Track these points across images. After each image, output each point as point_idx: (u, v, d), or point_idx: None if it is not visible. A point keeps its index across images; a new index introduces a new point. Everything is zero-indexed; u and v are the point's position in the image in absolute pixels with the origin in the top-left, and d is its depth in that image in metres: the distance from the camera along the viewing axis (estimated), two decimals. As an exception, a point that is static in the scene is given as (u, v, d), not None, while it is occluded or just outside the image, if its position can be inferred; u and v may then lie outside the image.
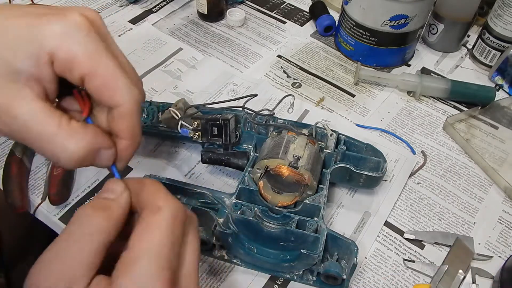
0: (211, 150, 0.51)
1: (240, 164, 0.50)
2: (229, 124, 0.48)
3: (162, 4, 0.77)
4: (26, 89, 0.28)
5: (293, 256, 0.44)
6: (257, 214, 0.44)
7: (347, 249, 0.43)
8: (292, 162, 0.44)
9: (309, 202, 0.44)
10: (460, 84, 0.65)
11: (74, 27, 0.28)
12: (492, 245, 0.50)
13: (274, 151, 0.46)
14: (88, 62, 0.28)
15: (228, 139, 0.49)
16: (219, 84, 0.64)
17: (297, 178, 0.44)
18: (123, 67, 0.30)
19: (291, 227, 0.43)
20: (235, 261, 0.46)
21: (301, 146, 0.46)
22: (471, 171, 0.57)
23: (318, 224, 0.43)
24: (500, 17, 0.65)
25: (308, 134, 0.49)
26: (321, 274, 0.43)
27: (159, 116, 0.52)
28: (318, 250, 0.41)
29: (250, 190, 0.45)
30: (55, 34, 0.28)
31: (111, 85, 0.29)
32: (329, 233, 0.43)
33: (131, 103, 0.30)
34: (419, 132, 0.61)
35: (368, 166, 0.49)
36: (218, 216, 0.43)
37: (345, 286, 0.43)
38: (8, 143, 0.54)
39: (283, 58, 0.70)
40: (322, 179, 0.47)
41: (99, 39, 0.29)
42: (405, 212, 0.52)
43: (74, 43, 0.28)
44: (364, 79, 0.67)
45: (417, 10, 0.62)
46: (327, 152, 0.50)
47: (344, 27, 0.69)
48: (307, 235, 0.42)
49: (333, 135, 0.49)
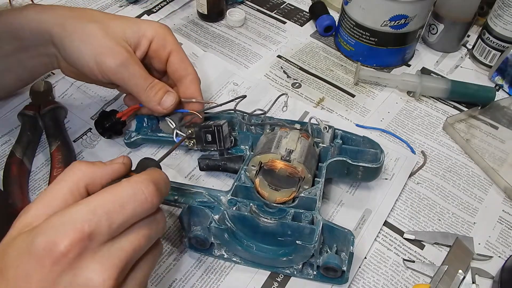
0: (207, 157, 0.52)
1: (237, 168, 0.51)
2: (221, 130, 0.49)
3: (162, 4, 0.77)
4: (132, 56, 0.46)
5: (291, 250, 0.44)
6: (252, 210, 0.44)
7: (344, 240, 0.43)
8: (284, 156, 0.45)
9: (305, 195, 0.45)
10: (460, 84, 0.65)
11: (159, 25, 0.49)
12: (492, 245, 0.50)
13: (266, 147, 0.46)
14: (173, 43, 0.49)
15: (223, 144, 0.50)
16: (219, 84, 0.64)
17: (290, 171, 0.44)
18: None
19: (287, 220, 0.43)
20: (234, 259, 0.46)
21: (294, 140, 0.46)
22: (471, 171, 0.57)
23: (313, 216, 0.43)
24: (500, 17, 0.65)
25: (301, 129, 0.49)
26: (320, 267, 0.43)
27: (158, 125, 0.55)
28: (314, 240, 0.41)
29: (246, 187, 0.45)
30: (152, 28, 0.48)
31: (185, 60, 0.50)
32: (325, 224, 0.43)
33: (195, 73, 0.51)
34: (419, 132, 0.61)
35: (366, 158, 0.50)
36: (214, 213, 0.43)
37: (345, 277, 0.44)
38: (8, 144, 0.54)
39: (283, 58, 0.70)
40: (318, 173, 0.47)
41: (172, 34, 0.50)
42: (405, 212, 0.52)
43: (163, 33, 0.49)
44: (364, 79, 0.67)
45: (417, 10, 0.62)
46: (323, 147, 0.50)
47: (344, 27, 0.69)
48: (303, 227, 0.42)
49: (328, 130, 0.49)
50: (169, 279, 0.45)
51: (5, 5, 0.73)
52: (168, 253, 0.47)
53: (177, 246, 0.48)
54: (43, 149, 0.55)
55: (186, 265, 0.47)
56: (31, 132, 0.54)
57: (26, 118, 0.55)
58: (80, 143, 0.56)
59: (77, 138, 0.56)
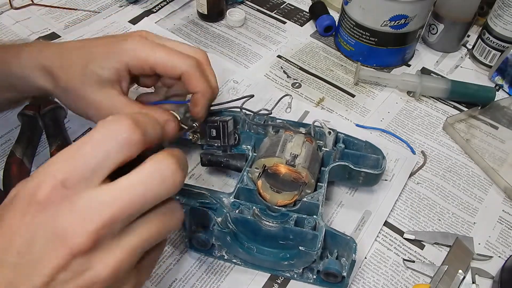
0: (210, 152, 0.51)
1: (239, 166, 0.50)
2: (227, 126, 0.49)
3: (162, 4, 0.77)
4: (112, 90, 0.43)
5: (293, 255, 0.44)
6: (255, 213, 0.44)
7: (346, 246, 0.43)
8: (289, 160, 0.44)
9: (307, 200, 0.44)
10: (460, 84, 0.65)
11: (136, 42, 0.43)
12: (492, 245, 0.50)
13: (271, 150, 0.46)
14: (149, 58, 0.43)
15: (227, 140, 0.50)
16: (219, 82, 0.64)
17: (294, 176, 0.44)
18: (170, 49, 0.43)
19: (289, 225, 0.43)
20: (234, 260, 0.46)
21: (298, 145, 0.46)
22: (471, 171, 0.57)
23: (316, 222, 0.43)
24: (500, 17, 0.65)
25: (305, 132, 0.49)
26: (321, 272, 0.43)
27: None
28: (316, 247, 0.41)
29: (248, 189, 0.45)
30: (127, 50, 0.43)
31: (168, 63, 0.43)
32: (327, 230, 0.43)
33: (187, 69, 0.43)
34: (419, 132, 0.61)
35: (368, 163, 0.50)
36: (217, 216, 0.43)
37: (345, 283, 0.43)
38: (8, 144, 0.54)
39: (283, 58, 0.70)
40: (320, 177, 0.47)
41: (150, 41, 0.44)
42: (405, 212, 0.52)
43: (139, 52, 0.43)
44: (364, 79, 0.67)
45: (417, 10, 0.62)
46: (326, 151, 0.50)
47: (344, 27, 0.69)
48: (306, 233, 0.42)
49: (331, 133, 0.49)
50: (169, 279, 0.45)
51: (6, 5, 0.73)
52: (168, 253, 0.47)
53: (177, 246, 0.48)
54: (43, 149, 0.54)
55: (186, 265, 0.47)
56: (31, 132, 0.54)
57: (26, 118, 0.55)
58: (80, 143, 0.56)
59: (77, 138, 0.56)
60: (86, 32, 0.71)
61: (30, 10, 0.74)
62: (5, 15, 0.72)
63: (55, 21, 0.72)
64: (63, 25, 0.72)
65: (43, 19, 0.73)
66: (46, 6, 0.75)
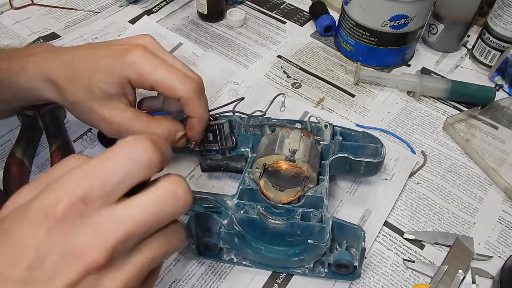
0: (209, 157, 0.52)
1: (239, 167, 0.50)
2: (223, 128, 0.49)
3: (162, 4, 0.77)
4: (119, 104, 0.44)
5: (302, 250, 0.44)
6: (260, 212, 0.44)
7: (354, 235, 0.43)
8: (288, 156, 0.44)
9: (311, 194, 0.45)
10: (460, 84, 0.65)
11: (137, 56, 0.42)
12: (492, 245, 0.50)
13: (270, 148, 0.46)
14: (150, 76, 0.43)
15: (224, 143, 0.50)
16: (219, 83, 0.64)
17: (295, 171, 0.44)
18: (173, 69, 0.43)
19: (295, 220, 0.43)
20: (244, 263, 0.46)
21: (296, 140, 0.46)
22: (471, 171, 0.57)
23: (322, 214, 0.43)
24: (500, 17, 0.65)
25: (302, 128, 0.49)
26: (332, 264, 0.43)
27: None
28: (325, 238, 0.41)
29: (251, 189, 0.45)
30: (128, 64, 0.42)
31: (169, 84, 0.43)
32: (334, 221, 0.43)
33: (188, 93, 0.43)
34: (419, 132, 0.61)
35: (367, 153, 0.50)
36: (222, 218, 0.43)
37: (357, 273, 0.44)
38: (8, 144, 0.54)
39: (283, 58, 0.70)
40: (322, 171, 0.47)
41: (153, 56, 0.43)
42: (405, 212, 0.52)
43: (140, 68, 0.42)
44: (364, 79, 0.67)
45: (417, 10, 0.62)
46: (324, 144, 0.50)
47: (344, 27, 0.69)
48: (313, 226, 0.42)
49: (328, 127, 0.50)
50: (169, 279, 0.45)
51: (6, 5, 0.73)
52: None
53: (177, 246, 0.48)
54: (43, 149, 0.54)
55: (186, 265, 0.47)
56: (31, 132, 0.54)
57: (26, 118, 0.55)
58: (80, 143, 0.56)
59: (77, 138, 0.56)
60: (86, 32, 0.71)
61: (30, 10, 0.74)
62: (5, 15, 0.72)
63: (55, 21, 0.72)
64: (63, 25, 0.72)
65: (43, 19, 0.73)
66: (46, 6, 0.75)
